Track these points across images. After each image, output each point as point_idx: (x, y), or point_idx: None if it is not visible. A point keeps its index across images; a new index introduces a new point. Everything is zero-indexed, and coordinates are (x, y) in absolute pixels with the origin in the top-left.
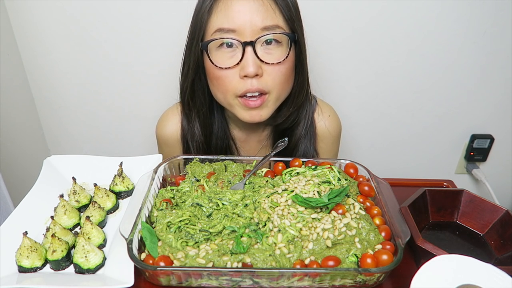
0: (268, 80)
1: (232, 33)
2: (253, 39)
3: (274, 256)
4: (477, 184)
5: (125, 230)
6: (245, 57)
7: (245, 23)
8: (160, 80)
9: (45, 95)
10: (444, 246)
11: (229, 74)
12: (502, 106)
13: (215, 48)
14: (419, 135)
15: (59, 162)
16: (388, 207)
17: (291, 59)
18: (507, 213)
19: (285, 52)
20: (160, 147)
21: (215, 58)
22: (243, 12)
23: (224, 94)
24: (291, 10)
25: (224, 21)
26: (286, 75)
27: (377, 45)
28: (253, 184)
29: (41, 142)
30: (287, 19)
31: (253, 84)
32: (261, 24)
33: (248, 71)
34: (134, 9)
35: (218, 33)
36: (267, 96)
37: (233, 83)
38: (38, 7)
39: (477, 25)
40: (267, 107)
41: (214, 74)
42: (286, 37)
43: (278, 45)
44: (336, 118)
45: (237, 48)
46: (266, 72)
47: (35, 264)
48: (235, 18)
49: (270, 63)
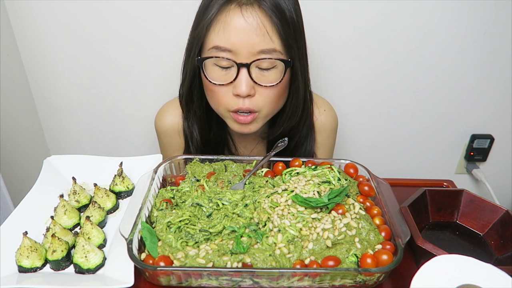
0: (259, 100)
1: (228, 53)
2: (249, 61)
3: (274, 256)
4: (477, 184)
5: (125, 230)
6: (239, 77)
7: (242, 44)
8: (161, 80)
9: (45, 95)
10: (444, 246)
11: (222, 90)
12: (502, 106)
13: (211, 64)
14: (419, 135)
15: (59, 162)
16: (388, 207)
17: (285, 81)
18: (507, 213)
19: (279, 76)
20: (160, 139)
21: (209, 74)
22: (241, 33)
23: (217, 106)
24: (289, 35)
25: (222, 40)
26: (277, 96)
27: (377, 45)
28: (253, 184)
29: (41, 142)
30: (284, 45)
31: (245, 104)
32: (258, 47)
33: (240, 91)
34: (134, 9)
35: (214, 51)
36: (257, 114)
37: (226, 99)
38: (38, 7)
39: (477, 25)
40: (256, 123)
41: (208, 87)
42: (281, 63)
43: (273, 69)
44: (331, 112)
45: (232, 67)
46: (258, 92)
47: (35, 264)
48: (232, 38)
49: (263, 85)
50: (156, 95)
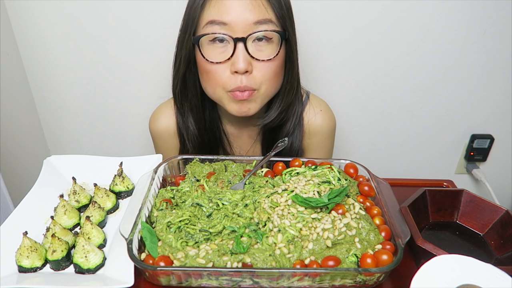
0: (257, 77)
1: (223, 27)
2: (245, 35)
3: (274, 256)
4: (477, 184)
5: (125, 230)
6: (236, 53)
7: (237, 17)
8: (160, 80)
9: (45, 95)
10: (444, 246)
11: (220, 69)
12: (502, 106)
13: (207, 42)
14: (419, 135)
15: (59, 162)
16: (388, 207)
17: (281, 57)
18: (507, 213)
19: (275, 49)
20: (154, 142)
21: (206, 53)
22: (235, 7)
23: (214, 88)
24: (283, 9)
25: (216, 14)
26: (275, 72)
27: (377, 45)
28: (253, 184)
29: (41, 142)
30: (278, 17)
31: (243, 82)
32: (253, 19)
33: (238, 67)
34: (134, 9)
35: (209, 26)
36: (255, 92)
37: (223, 78)
38: (38, 7)
39: (477, 25)
40: (255, 102)
41: (205, 68)
42: (277, 35)
43: (269, 42)
44: (329, 113)
45: (228, 43)
46: (256, 69)
47: (35, 264)
48: (227, 11)
49: (260, 59)
50: (156, 95)
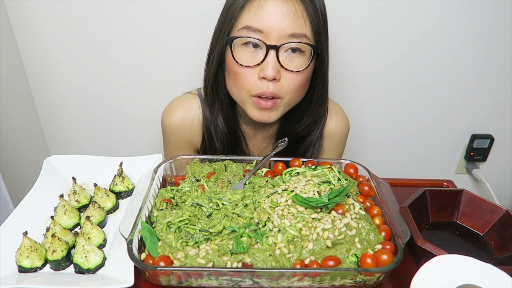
0: (284, 86)
1: (259, 34)
2: (278, 44)
3: (274, 256)
4: (477, 184)
5: (125, 230)
6: (266, 60)
7: (273, 26)
8: (160, 80)
9: (45, 95)
10: (444, 246)
11: (248, 73)
12: (502, 106)
13: (239, 45)
14: (419, 135)
15: (59, 162)
16: (388, 207)
17: (310, 70)
18: (507, 213)
19: (306, 62)
20: (166, 137)
21: (237, 55)
22: (274, 15)
23: (239, 90)
24: (320, 23)
25: (254, 20)
26: (301, 83)
27: (376, 45)
28: (253, 184)
29: (41, 142)
30: (315, 31)
31: (269, 88)
32: (289, 31)
33: (267, 73)
34: (135, 9)
35: (245, 31)
36: (279, 101)
37: (250, 82)
38: (38, 7)
39: (477, 25)
40: (277, 110)
41: (233, 70)
42: (310, 48)
43: (301, 54)
44: (343, 116)
45: (260, 49)
46: (283, 78)
47: (35, 264)
48: (265, 19)
49: (289, 70)
50: (156, 95)
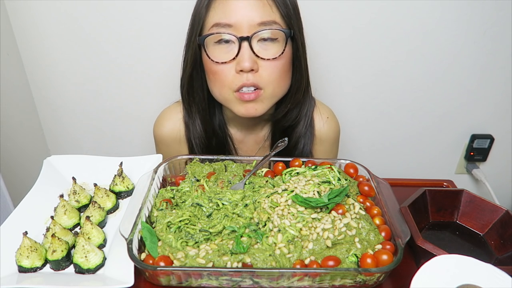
0: (264, 76)
1: (229, 28)
2: (249, 34)
3: (274, 256)
4: (477, 184)
5: (125, 230)
6: (241, 52)
7: (242, 18)
8: (160, 80)
9: (45, 95)
10: (444, 246)
11: (225, 69)
12: (502, 106)
13: (212, 43)
14: (419, 135)
15: (59, 162)
16: (388, 207)
17: (287, 56)
18: (507, 213)
19: (281, 48)
20: (158, 146)
21: (211, 53)
22: (240, 8)
23: (220, 89)
24: (288, 7)
25: (221, 16)
26: (282, 71)
27: (377, 45)
28: (253, 184)
29: (41, 142)
30: (284, 15)
31: (249, 79)
32: (258, 20)
33: (243, 65)
34: (134, 9)
35: (215, 28)
36: (262, 92)
37: (229, 78)
38: (38, 7)
39: (477, 25)
40: (262, 102)
41: (211, 69)
42: (282, 33)
43: (274, 41)
44: (335, 120)
45: (233, 43)
46: (262, 68)
47: (35, 264)
48: (232, 13)
49: (265, 58)
50: (156, 95)
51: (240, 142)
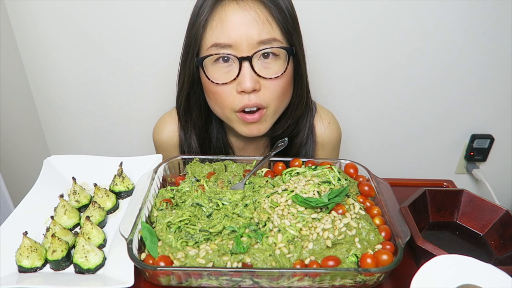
0: (266, 95)
1: (228, 48)
2: (250, 54)
3: (274, 256)
4: (477, 184)
5: (125, 230)
6: (242, 73)
7: (241, 37)
8: (160, 80)
9: (45, 95)
10: (444, 246)
11: (226, 90)
12: (502, 106)
13: (211, 63)
14: (419, 135)
15: (59, 162)
16: (388, 207)
17: (289, 73)
18: (507, 213)
19: (283, 66)
20: (157, 151)
21: (211, 74)
22: (239, 26)
23: (222, 109)
24: (288, 23)
25: (220, 36)
26: (284, 89)
27: (377, 45)
28: (253, 184)
29: (41, 142)
30: (284, 32)
31: (251, 99)
32: (258, 38)
33: (245, 86)
34: (134, 9)
35: (214, 48)
36: (265, 111)
37: (230, 99)
38: (38, 7)
39: (477, 25)
40: (266, 122)
41: (211, 89)
42: (284, 51)
43: (276, 59)
44: (336, 125)
45: (233, 63)
46: (263, 86)
47: (35, 264)
48: (231, 32)
49: (268, 77)
50: (156, 95)
51: (240, 149)
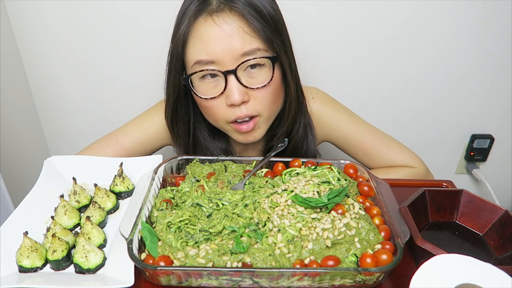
0: (256, 104)
1: (211, 64)
2: (234, 67)
3: (274, 256)
4: (477, 184)
5: (125, 230)
6: (228, 86)
7: (223, 52)
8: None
9: (45, 95)
10: (443, 246)
11: (216, 103)
12: (502, 106)
13: (198, 79)
14: (419, 135)
15: (59, 162)
16: (388, 207)
17: (277, 79)
18: (506, 213)
19: (269, 74)
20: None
21: (198, 90)
22: (219, 41)
23: (216, 121)
24: (270, 29)
25: (201, 53)
26: (274, 95)
27: (377, 45)
28: (253, 184)
29: (41, 142)
30: (265, 40)
31: (242, 111)
32: (240, 51)
33: (233, 100)
34: (134, 9)
35: (197, 66)
36: (257, 118)
37: (222, 111)
38: (38, 7)
39: (477, 25)
40: (260, 128)
41: (201, 104)
42: (268, 60)
43: (261, 68)
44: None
45: (219, 77)
46: (252, 97)
47: (35, 264)
48: (211, 49)
49: (255, 87)
50: (156, 95)
51: (241, 151)
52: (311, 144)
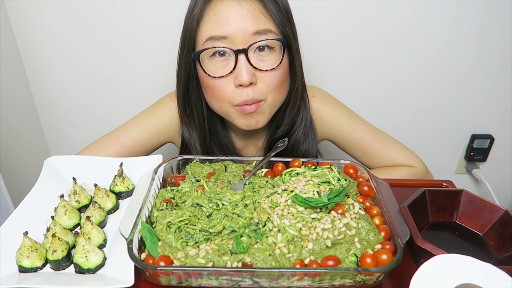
0: (263, 87)
1: (223, 41)
2: (245, 46)
3: (274, 255)
4: (477, 184)
5: (125, 230)
6: (238, 66)
7: (236, 29)
8: (161, 81)
9: (45, 95)
10: (443, 246)
11: (223, 83)
12: (502, 106)
13: (208, 57)
14: (419, 135)
15: (60, 162)
16: (388, 207)
17: (285, 65)
18: (506, 213)
19: (278, 57)
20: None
21: (207, 67)
22: (233, 18)
23: (220, 103)
24: (282, 14)
25: (215, 29)
26: (280, 80)
27: (376, 45)
28: (253, 184)
29: (41, 142)
30: (278, 24)
31: (249, 94)
32: (253, 29)
33: (242, 80)
34: (135, 9)
35: (209, 42)
36: (262, 103)
37: (228, 92)
38: (38, 7)
39: (477, 25)
40: (263, 113)
41: (208, 84)
42: (278, 43)
43: (271, 51)
44: (319, 91)
45: (229, 56)
46: (260, 79)
47: (35, 264)
48: (225, 25)
49: (264, 69)
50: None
51: (242, 147)
52: (312, 143)
